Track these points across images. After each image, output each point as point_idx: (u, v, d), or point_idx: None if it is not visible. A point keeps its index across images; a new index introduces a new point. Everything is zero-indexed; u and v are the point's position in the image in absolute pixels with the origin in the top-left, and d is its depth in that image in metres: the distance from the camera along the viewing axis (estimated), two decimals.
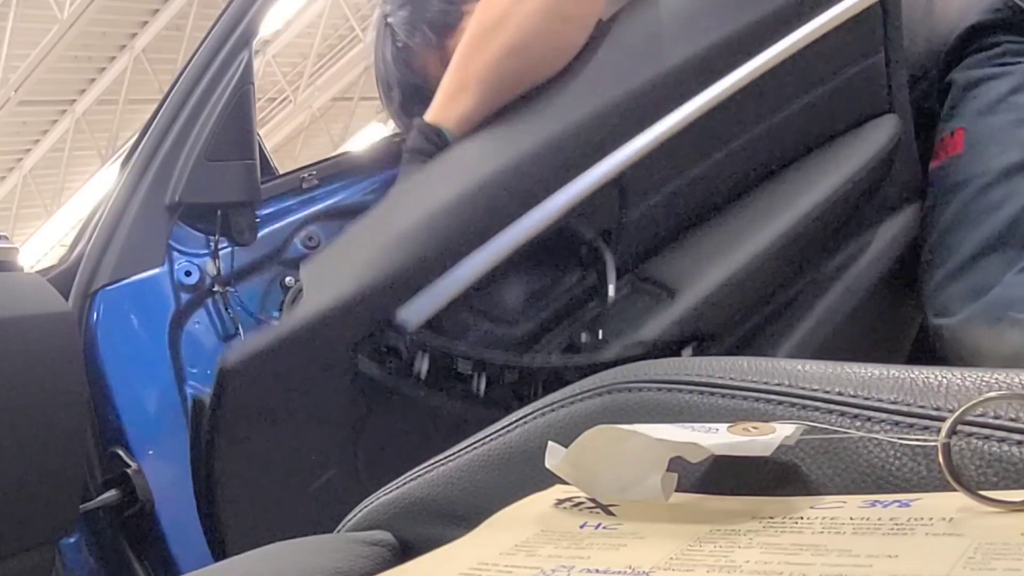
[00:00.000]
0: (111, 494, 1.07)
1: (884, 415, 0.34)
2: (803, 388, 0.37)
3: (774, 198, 0.95)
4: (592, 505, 0.38)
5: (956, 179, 0.95)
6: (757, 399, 0.38)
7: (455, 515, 0.45)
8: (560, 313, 0.92)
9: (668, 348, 0.87)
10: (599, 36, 0.93)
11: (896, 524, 0.29)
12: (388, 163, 1.30)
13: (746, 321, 0.94)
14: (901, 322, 1.08)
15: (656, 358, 0.85)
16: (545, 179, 0.87)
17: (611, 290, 0.88)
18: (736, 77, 0.90)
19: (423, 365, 0.83)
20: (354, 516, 0.50)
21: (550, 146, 0.87)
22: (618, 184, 0.88)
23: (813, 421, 0.35)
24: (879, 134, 0.99)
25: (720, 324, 0.90)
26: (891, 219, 1.04)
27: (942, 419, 0.31)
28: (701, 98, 0.89)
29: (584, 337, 0.90)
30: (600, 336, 0.89)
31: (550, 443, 0.39)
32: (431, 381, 0.84)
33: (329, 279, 0.87)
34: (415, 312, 0.83)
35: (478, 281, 0.85)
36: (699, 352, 0.88)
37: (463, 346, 0.85)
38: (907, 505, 0.30)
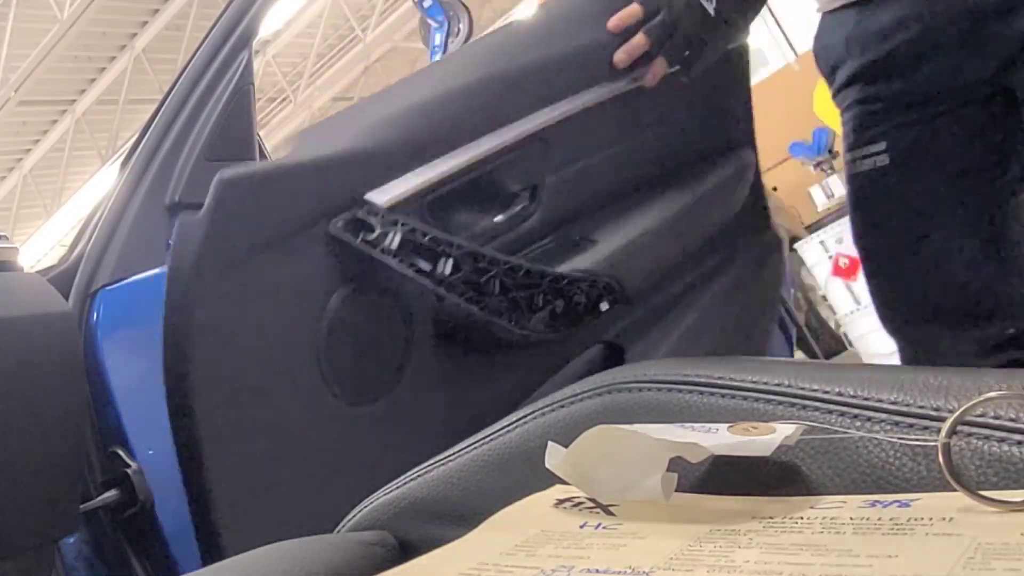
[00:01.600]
0: (111, 494, 1.07)
1: (884, 415, 0.34)
2: (803, 388, 0.37)
3: (664, 191, 1.19)
4: (592, 505, 0.38)
5: None
6: (757, 399, 0.38)
7: (455, 515, 0.45)
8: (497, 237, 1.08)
9: (589, 294, 1.06)
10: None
11: (896, 524, 0.29)
12: None
13: (649, 295, 1.14)
14: (751, 325, 1.36)
15: (576, 296, 1.03)
16: (502, 108, 1.03)
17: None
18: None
19: (395, 240, 0.93)
20: (354, 516, 0.50)
21: (508, 79, 1.04)
22: (544, 139, 1.06)
23: (813, 421, 0.35)
24: (747, 158, 1.30)
25: (630, 279, 1.09)
26: (753, 240, 1.33)
27: (942, 419, 0.31)
28: (615, 85, 1.08)
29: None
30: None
31: (550, 443, 0.39)
32: (399, 257, 0.93)
33: (315, 145, 0.97)
34: (385, 193, 0.95)
35: (441, 180, 0.99)
36: (612, 308, 1.08)
37: (431, 230, 0.97)
38: (907, 505, 0.30)
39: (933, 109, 1.08)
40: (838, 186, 4.78)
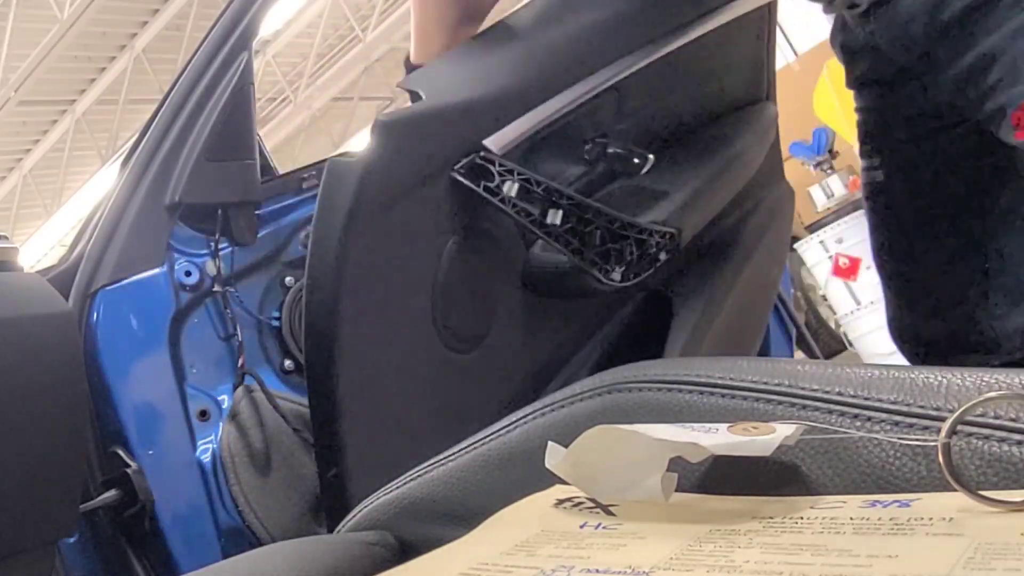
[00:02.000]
0: (111, 494, 1.07)
1: (884, 415, 0.34)
2: (803, 388, 0.37)
3: (711, 143, 1.24)
4: (592, 505, 0.38)
5: None
6: (757, 399, 0.38)
7: (455, 515, 0.45)
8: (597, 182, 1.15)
9: (658, 244, 1.09)
10: None
11: (896, 524, 0.29)
12: None
13: (690, 245, 1.17)
14: (767, 274, 1.44)
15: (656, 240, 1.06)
16: (586, 58, 1.09)
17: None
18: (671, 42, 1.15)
19: (512, 190, 0.97)
20: (354, 516, 0.50)
21: (591, 29, 1.11)
22: (617, 88, 1.11)
23: (813, 421, 0.35)
24: (772, 110, 1.35)
25: (687, 230, 1.12)
26: (773, 189, 1.38)
27: (942, 419, 0.31)
28: (673, 39, 1.14)
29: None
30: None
31: (550, 443, 0.39)
32: (516, 206, 0.98)
33: (441, 88, 1.03)
34: (501, 139, 1.00)
35: (545, 126, 1.04)
36: (671, 249, 1.11)
37: (544, 180, 1.00)
38: (907, 505, 0.30)
39: (928, 125, 1.07)
40: (838, 186, 4.77)
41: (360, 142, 9.39)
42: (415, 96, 1.01)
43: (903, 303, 1.14)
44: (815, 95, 4.87)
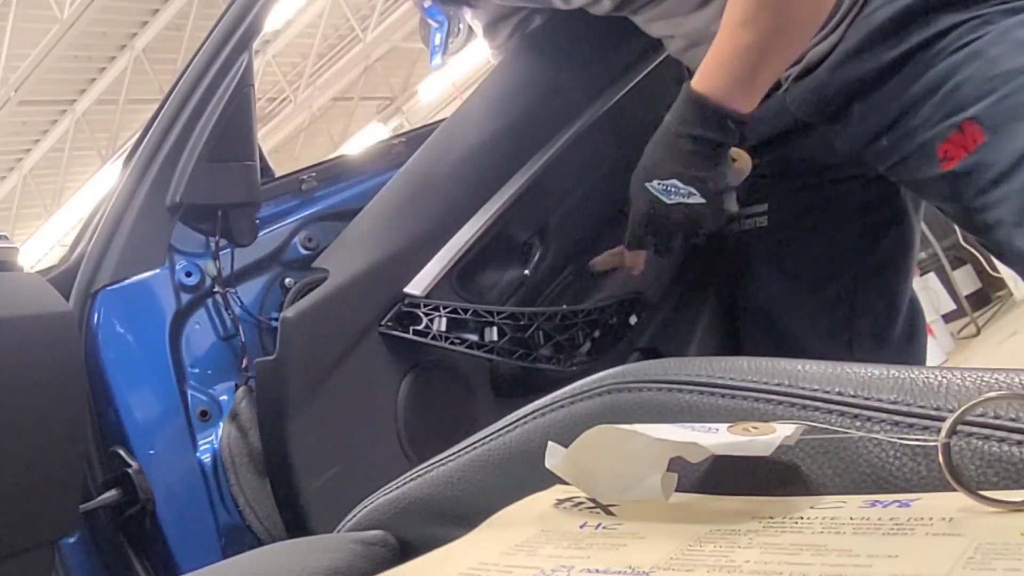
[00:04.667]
0: (111, 494, 1.07)
1: (884, 415, 0.34)
2: (803, 388, 0.37)
3: None
4: (592, 505, 0.38)
5: (994, 171, 0.86)
6: (757, 399, 0.38)
7: (455, 515, 0.45)
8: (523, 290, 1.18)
9: (618, 314, 1.13)
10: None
11: (896, 524, 0.29)
12: (387, 165, 1.30)
13: (668, 294, 1.21)
14: None
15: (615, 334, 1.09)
16: (492, 173, 1.13)
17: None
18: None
19: (441, 325, 1.02)
20: (354, 516, 0.50)
21: (488, 146, 1.14)
22: (540, 186, 1.15)
23: (813, 421, 0.35)
24: None
25: (649, 289, 1.15)
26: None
27: (942, 419, 0.31)
28: (583, 119, 1.19)
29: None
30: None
31: (550, 443, 0.39)
32: (450, 339, 1.03)
33: (346, 260, 1.08)
34: (420, 283, 1.05)
35: (462, 255, 1.08)
36: (640, 319, 1.15)
37: (468, 303, 1.06)
38: (907, 505, 0.30)
39: (812, 180, 1.12)
40: None
41: (360, 142, 9.40)
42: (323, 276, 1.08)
43: (768, 348, 1.18)
44: None
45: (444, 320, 1.02)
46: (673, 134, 0.95)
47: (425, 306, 1.03)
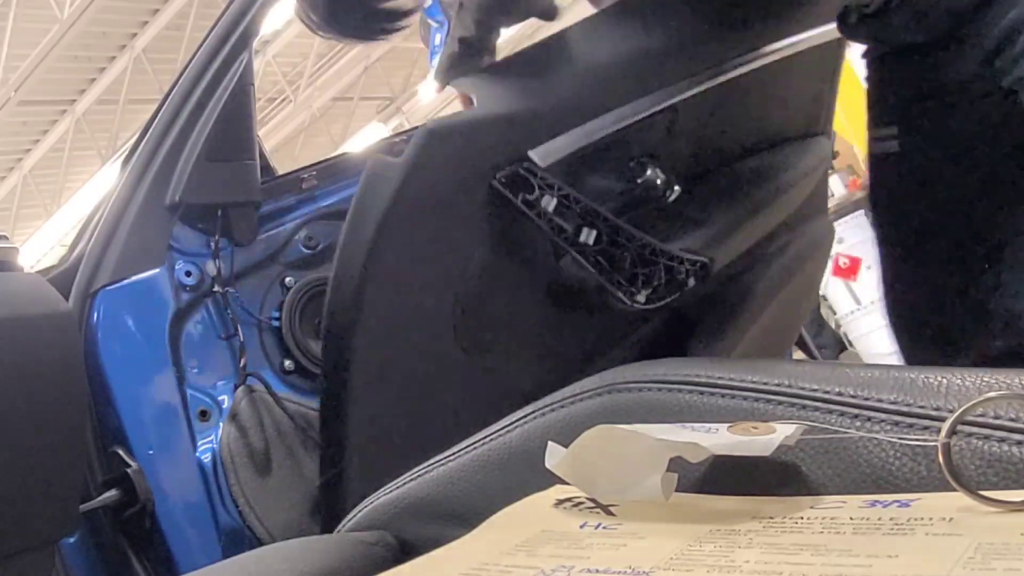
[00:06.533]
0: (111, 494, 1.07)
1: (884, 415, 0.34)
2: (803, 388, 0.37)
3: (760, 172, 1.23)
4: (592, 505, 0.38)
5: None
6: (757, 399, 0.38)
7: (455, 515, 0.45)
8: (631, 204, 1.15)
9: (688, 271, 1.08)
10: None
11: (896, 524, 0.29)
12: None
13: (736, 264, 1.19)
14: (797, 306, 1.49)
15: (687, 268, 1.06)
16: (642, 79, 1.08)
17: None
18: (737, 67, 1.14)
19: (550, 205, 0.98)
20: (354, 516, 0.50)
21: (649, 53, 1.11)
22: (673, 110, 1.11)
23: (813, 421, 0.35)
24: (827, 146, 1.37)
25: (720, 259, 1.11)
26: (814, 223, 1.38)
27: (942, 419, 0.31)
28: (724, 70, 1.13)
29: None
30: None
31: (550, 443, 0.39)
32: (551, 221, 0.99)
33: (495, 95, 1.05)
34: (546, 152, 1.01)
35: (595, 141, 1.04)
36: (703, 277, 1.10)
37: (582, 198, 1.01)
38: (907, 505, 0.30)
39: (958, 95, 1.02)
40: (838, 186, 4.76)
41: (360, 142, 9.39)
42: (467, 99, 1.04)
43: (906, 284, 1.12)
44: None
45: (554, 201, 0.97)
46: None
47: (541, 178, 0.98)
